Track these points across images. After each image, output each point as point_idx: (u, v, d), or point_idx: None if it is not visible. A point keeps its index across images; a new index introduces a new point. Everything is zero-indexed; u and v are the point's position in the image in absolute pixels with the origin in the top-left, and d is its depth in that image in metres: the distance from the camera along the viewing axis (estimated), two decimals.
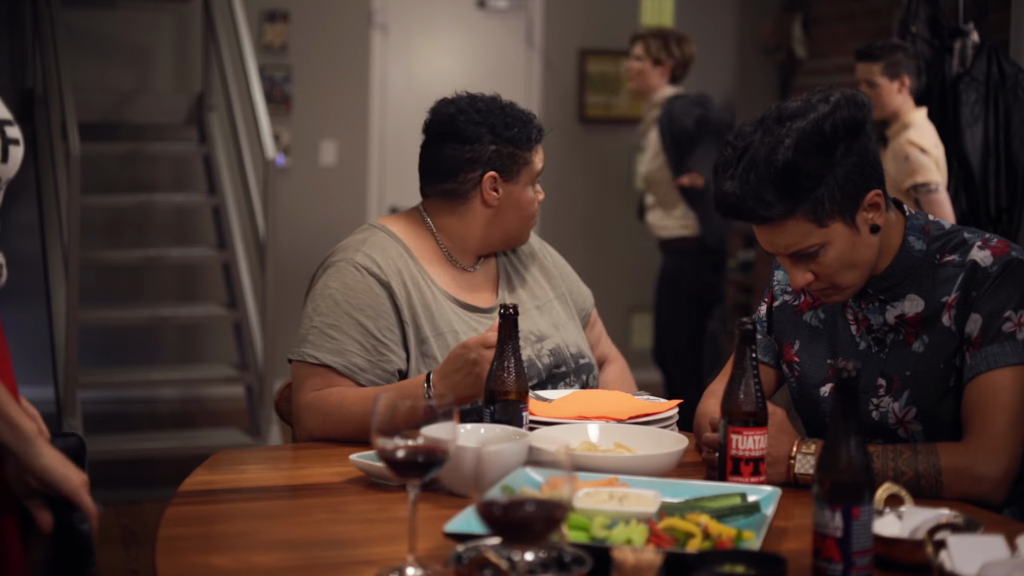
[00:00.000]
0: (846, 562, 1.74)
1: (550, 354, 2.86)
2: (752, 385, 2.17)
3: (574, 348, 2.93)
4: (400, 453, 1.83)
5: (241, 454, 2.90)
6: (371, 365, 2.71)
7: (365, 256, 2.78)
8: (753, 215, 2.30)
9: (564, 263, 3.11)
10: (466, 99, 2.87)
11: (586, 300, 3.11)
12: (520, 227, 2.92)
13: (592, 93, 8.41)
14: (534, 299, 2.96)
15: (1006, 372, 2.31)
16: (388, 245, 2.82)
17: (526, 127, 2.86)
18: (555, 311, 2.97)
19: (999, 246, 2.39)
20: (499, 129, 2.82)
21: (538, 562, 1.76)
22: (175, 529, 2.08)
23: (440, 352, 2.75)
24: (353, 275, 2.75)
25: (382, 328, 2.73)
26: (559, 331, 2.93)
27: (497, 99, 2.88)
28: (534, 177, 2.89)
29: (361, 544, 2.02)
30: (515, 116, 2.86)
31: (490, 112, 2.84)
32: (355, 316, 2.72)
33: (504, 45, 8.33)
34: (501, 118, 2.83)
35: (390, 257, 2.79)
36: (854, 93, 2.32)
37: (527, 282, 2.98)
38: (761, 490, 2.09)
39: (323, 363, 2.70)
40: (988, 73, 5.43)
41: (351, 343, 2.71)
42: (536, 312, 2.93)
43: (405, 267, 2.80)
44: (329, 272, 2.79)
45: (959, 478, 2.25)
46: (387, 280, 2.75)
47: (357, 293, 2.74)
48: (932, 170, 5.20)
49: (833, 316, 2.53)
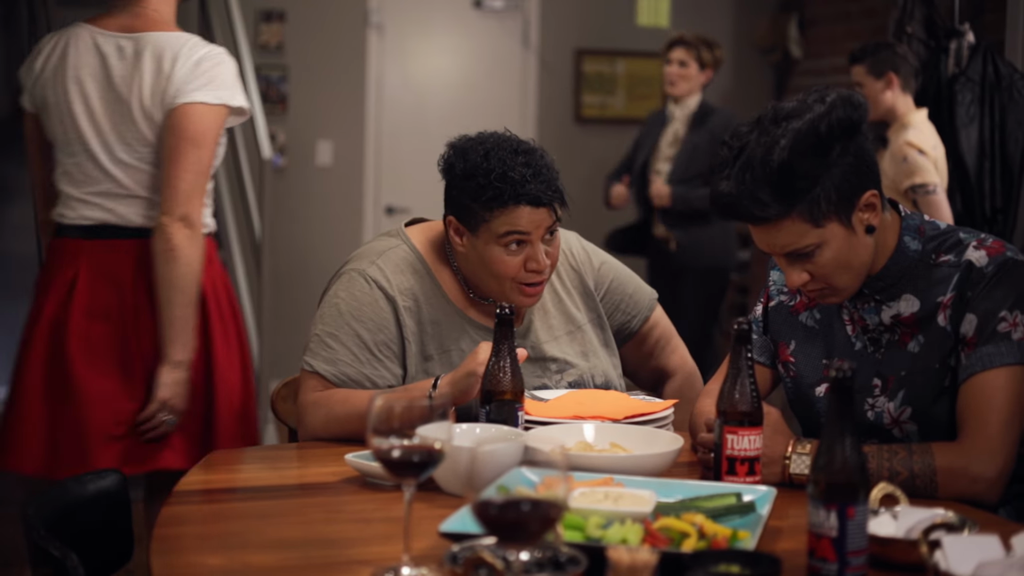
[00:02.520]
0: (841, 562, 1.74)
1: (570, 386, 2.82)
2: (748, 385, 2.17)
3: (600, 379, 2.86)
4: (395, 453, 1.83)
5: (237, 454, 2.90)
6: (362, 377, 2.70)
7: (377, 269, 2.76)
8: (749, 215, 2.30)
9: (618, 275, 2.98)
10: (490, 144, 2.68)
11: (638, 311, 2.98)
12: (498, 287, 2.72)
13: (588, 93, 8.41)
14: (568, 323, 2.88)
15: (1001, 372, 2.31)
16: (404, 261, 2.78)
17: (500, 187, 2.62)
18: (587, 336, 2.90)
19: (994, 246, 2.39)
20: (460, 178, 2.68)
21: (533, 562, 1.76)
22: (171, 529, 2.08)
23: (443, 371, 2.73)
24: (361, 286, 2.74)
25: (379, 343, 2.72)
26: (587, 359, 2.87)
27: (520, 150, 2.66)
28: (502, 238, 2.66)
29: (356, 544, 2.02)
30: (498, 172, 2.63)
31: (465, 152, 2.68)
32: (354, 327, 2.72)
33: (500, 45, 8.33)
34: (475, 168, 2.65)
35: (403, 272, 2.76)
36: (850, 93, 2.32)
37: (563, 303, 2.89)
38: (756, 490, 2.09)
39: (316, 371, 2.71)
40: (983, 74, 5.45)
41: (345, 353, 2.71)
42: (567, 338, 2.87)
43: (419, 283, 2.76)
44: (341, 280, 2.78)
45: (954, 478, 2.26)
46: (393, 295, 2.73)
47: (361, 305, 2.73)
48: (930, 171, 5.19)
49: (829, 316, 2.53)
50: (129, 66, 3.32)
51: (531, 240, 2.67)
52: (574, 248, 2.96)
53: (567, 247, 2.94)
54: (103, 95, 3.33)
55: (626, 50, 8.38)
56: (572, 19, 8.39)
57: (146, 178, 3.34)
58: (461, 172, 2.67)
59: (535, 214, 2.66)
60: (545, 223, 2.68)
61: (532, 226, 2.66)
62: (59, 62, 3.37)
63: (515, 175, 2.62)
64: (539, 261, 2.68)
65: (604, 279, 2.96)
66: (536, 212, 2.65)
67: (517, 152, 2.66)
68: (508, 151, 2.65)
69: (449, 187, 2.72)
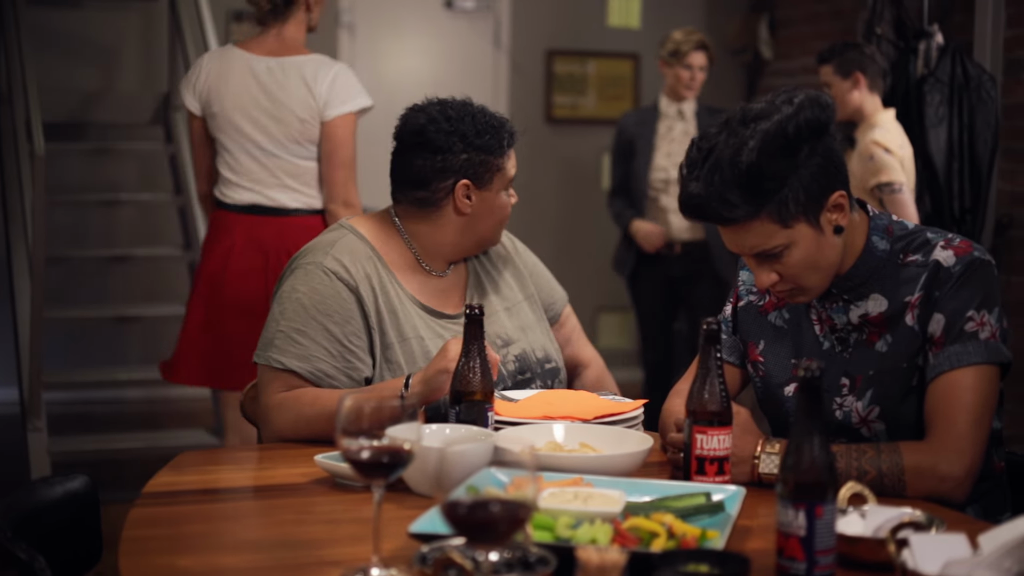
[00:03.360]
0: (809, 561, 1.75)
1: (515, 360, 2.86)
2: (717, 385, 2.18)
3: (540, 352, 2.93)
4: (364, 454, 1.83)
5: (206, 455, 2.89)
6: (337, 371, 2.70)
7: (334, 260, 2.76)
8: (718, 216, 2.31)
9: (536, 261, 3.11)
10: (436, 106, 2.83)
11: (556, 299, 3.10)
12: (494, 231, 2.91)
13: (559, 94, 8.41)
14: (503, 301, 2.95)
15: (968, 372, 2.32)
16: (357, 248, 2.80)
17: (498, 133, 2.82)
18: (523, 313, 2.97)
19: (962, 246, 2.40)
20: (470, 137, 2.79)
21: (502, 562, 1.77)
22: (140, 531, 2.08)
23: (404, 358, 2.74)
24: (321, 279, 2.74)
25: (349, 334, 2.72)
26: (526, 334, 2.93)
27: (468, 104, 2.85)
28: (507, 182, 2.87)
29: (326, 545, 2.02)
30: (486, 123, 2.82)
31: (461, 120, 2.80)
32: (322, 322, 2.71)
33: (471, 45, 8.33)
34: (472, 126, 2.80)
35: (359, 261, 2.78)
36: (818, 94, 2.33)
37: (498, 284, 2.98)
38: (726, 489, 2.10)
39: (288, 368, 2.70)
40: (952, 74, 5.47)
41: (318, 349, 2.70)
42: (505, 314, 2.93)
43: (374, 271, 2.79)
44: (297, 274, 2.77)
45: (922, 477, 2.27)
46: (355, 285, 2.74)
47: (325, 299, 2.73)
48: (896, 170, 5.21)
49: (797, 316, 2.54)
50: (278, 83, 4.40)
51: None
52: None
53: None
54: (258, 106, 4.39)
55: (597, 51, 8.38)
56: (543, 20, 8.40)
57: (290, 168, 4.44)
58: (473, 132, 2.80)
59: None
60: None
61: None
62: (219, 79, 4.44)
63: (496, 123, 2.85)
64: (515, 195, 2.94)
65: (528, 263, 3.09)
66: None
67: (466, 107, 2.86)
68: (465, 110, 2.84)
69: (457, 154, 2.80)
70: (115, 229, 7.62)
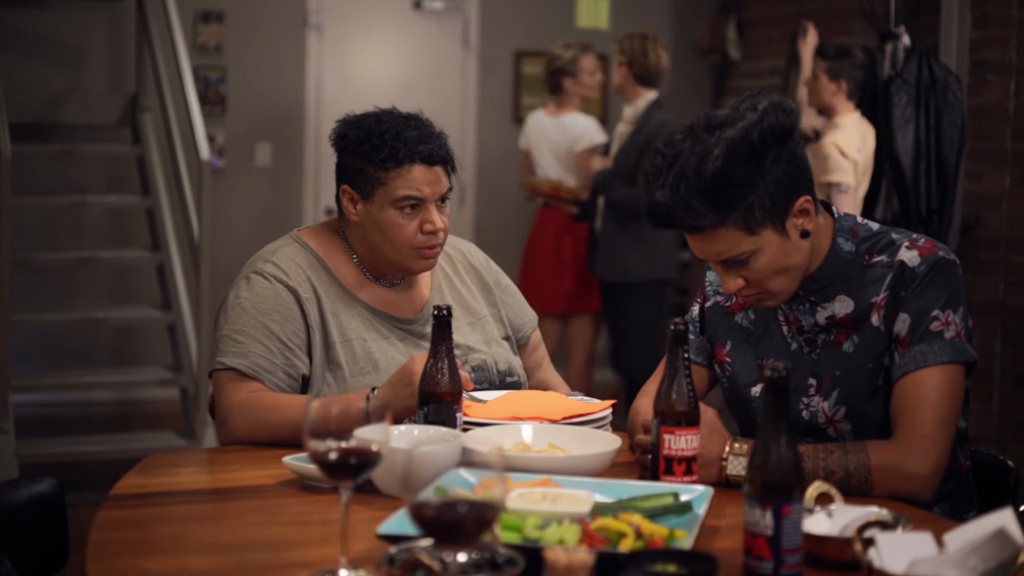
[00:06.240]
0: (776, 560, 1.76)
1: (473, 369, 2.85)
2: (684, 385, 2.18)
3: (503, 365, 2.91)
4: (332, 455, 1.83)
5: (174, 457, 2.88)
6: (274, 367, 2.71)
7: (273, 266, 2.79)
8: (684, 224, 2.31)
9: (509, 283, 3.08)
10: (381, 114, 2.79)
11: (526, 321, 3.08)
12: (395, 254, 2.78)
13: (528, 94, 8.42)
14: (468, 315, 2.94)
15: (934, 371, 2.33)
16: (298, 256, 2.82)
17: (390, 146, 2.71)
18: (488, 328, 2.96)
19: (926, 246, 2.41)
20: (352, 144, 2.76)
21: (471, 563, 1.77)
22: (106, 533, 2.07)
23: (345, 358, 2.76)
24: (261, 283, 2.77)
25: (288, 332, 2.74)
26: (490, 347, 2.92)
27: (395, 115, 2.78)
28: (398, 202, 2.74)
29: (294, 546, 2.01)
30: (386, 133, 2.72)
31: (364, 127, 2.76)
32: (262, 320, 2.73)
33: (440, 46, 8.32)
34: (363, 132, 2.74)
35: (299, 266, 2.80)
36: (782, 100, 2.33)
37: (463, 296, 2.96)
38: (693, 489, 2.10)
39: (229, 367, 2.71)
40: (919, 76, 5.50)
41: (256, 345, 2.71)
42: (468, 328, 2.92)
43: (316, 275, 2.81)
44: (240, 284, 2.80)
45: (888, 476, 2.28)
46: (294, 287, 2.77)
47: (264, 299, 2.75)
48: (847, 172, 5.43)
49: (764, 317, 2.55)
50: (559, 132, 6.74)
51: (425, 204, 2.76)
52: (473, 251, 3.09)
53: (467, 249, 3.07)
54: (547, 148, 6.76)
55: None
56: (512, 21, 8.40)
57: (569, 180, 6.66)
58: (355, 138, 2.76)
59: (428, 173, 2.75)
60: (438, 185, 2.77)
61: (427, 186, 2.75)
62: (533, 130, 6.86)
63: (408, 135, 2.73)
64: (434, 222, 2.76)
65: (500, 282, 3.06)
66: (430, 172, 2.75)
67: (407, 118, 2.78)
68: (398, 117, 2.78)
69: (342, 156, 2.80)
70: (82, 231, 7.59)
